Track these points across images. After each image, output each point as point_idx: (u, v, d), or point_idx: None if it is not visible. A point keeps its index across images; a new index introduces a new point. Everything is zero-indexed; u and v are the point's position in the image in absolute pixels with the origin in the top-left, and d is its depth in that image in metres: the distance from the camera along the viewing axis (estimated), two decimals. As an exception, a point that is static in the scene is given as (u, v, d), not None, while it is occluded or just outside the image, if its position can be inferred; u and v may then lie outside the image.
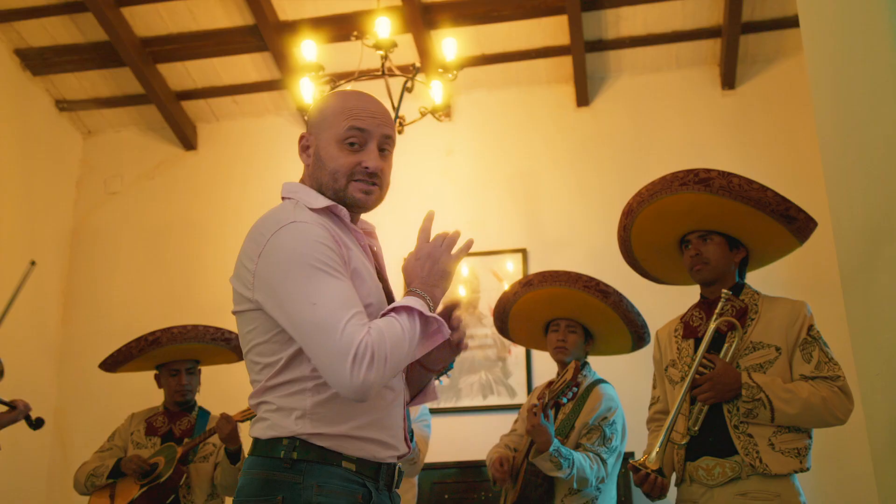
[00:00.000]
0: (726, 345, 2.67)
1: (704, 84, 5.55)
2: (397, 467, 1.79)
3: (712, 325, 2.67)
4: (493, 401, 5.23)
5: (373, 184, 1.82)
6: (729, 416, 2.60)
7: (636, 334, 3.47)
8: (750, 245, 2.82)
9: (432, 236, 1.85)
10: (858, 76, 1.59)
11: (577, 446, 3.28)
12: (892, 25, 1.48)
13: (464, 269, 5.51)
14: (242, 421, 3.54)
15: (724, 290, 2.69)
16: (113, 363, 3.89)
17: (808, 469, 2.57)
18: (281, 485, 1.65)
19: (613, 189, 5.16)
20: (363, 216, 1.94)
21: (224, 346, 3.76)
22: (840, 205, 1.80)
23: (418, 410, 3.76)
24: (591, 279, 3.39)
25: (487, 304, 5.32)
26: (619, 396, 3.43)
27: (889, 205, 1.52)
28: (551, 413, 3.20)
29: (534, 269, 5.38)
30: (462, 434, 5.08)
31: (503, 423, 3.96)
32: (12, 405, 3.44)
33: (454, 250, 1.75)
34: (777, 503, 2.52)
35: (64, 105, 5.92)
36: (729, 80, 5.43)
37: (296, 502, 1.63)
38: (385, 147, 1.85)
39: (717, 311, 2.68)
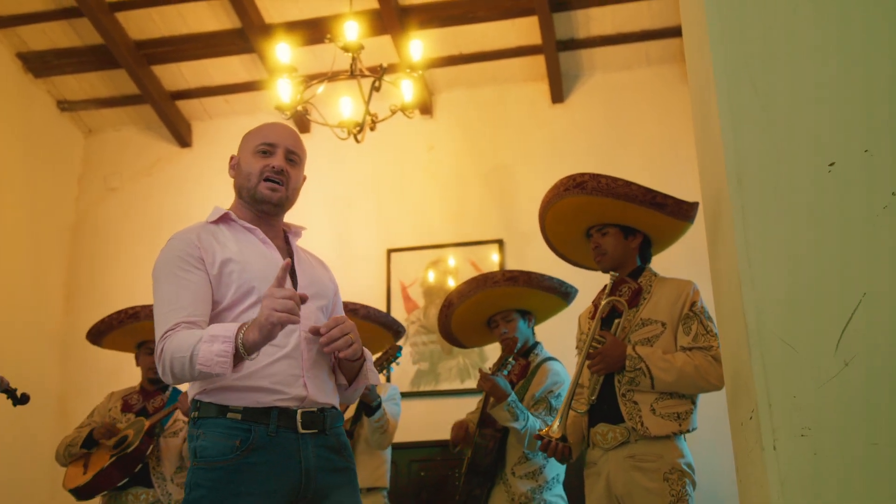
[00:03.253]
0: (616, 322, 2.96)
1: (674, 80, 5.76)
2: (299, 411, 2.07)
3: (601, 306, 2.98)
4: (469, 384, 5.45)
5: (279, 182, 2.22)
6: (618, 386, 2.88)
7: (559, 293, 3.78)
8: (645, 230, 3.10)
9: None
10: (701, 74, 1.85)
11: (526, 417, 3.55)
12: (712, 33, 1.74)
13: (449, 259, 5.76)
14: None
15: (612, 273, 2.99)
16: (96, 333, 4.11)
17: (690, 430, 2.83)
18: (190, 439, 2.10)
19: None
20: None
21: None
22: (704, 184, 2.07)
23: (387, 390, 4.06)
24: (496, 273, 3.75)
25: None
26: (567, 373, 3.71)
27: (719, 187, 1.78)
28: (503, 374, 3.48)
29: (510, 258, 5.64)
30: (440, 415, 5.31)
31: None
32: None
33: (281, 311, 1.88)
34: (660, 463, 2.78)
35: (65, 105, 6.20)
36: (696, 77, 5.64)
37: (193, 451, 2.06)
38: (292, 159, 2.26)
39: (606, 293, 2.99)
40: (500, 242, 5.73)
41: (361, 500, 2.22)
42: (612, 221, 3.09)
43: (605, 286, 3.11)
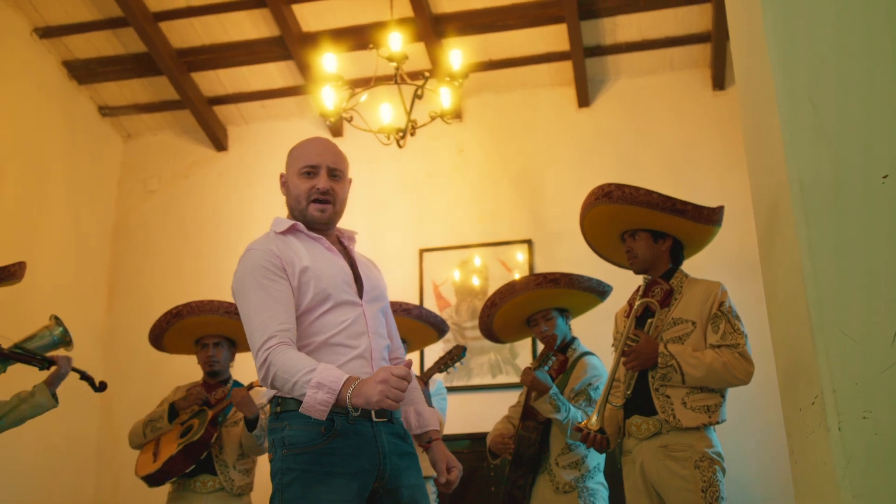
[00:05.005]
0: (649, 321, 3.18)
1: (696, 85, 5.94)
2: None
3: (636, 306, 3.20)
4: (501, 379, 5.66)
5: (326, 202, 2.41)
6: (651, 381, 3.10)
7: (596, 293, 3.98)
8: (672, 234, 3.32)
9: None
10: (757, 75, 2.03)
11: (567, 410, 3.74)
12: (770, 36, 1.93)
13: (475, 259, 5.95)
14: (262, 387, 4.00)
15: (645, 276, 3.23)
16: (154, 338, 4.35)
17: (719, 422, 3.05)
18: (271, 431, 2.29)
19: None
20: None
21: (237, 318, 4.13)
22: (757, 189, 2.25)
23: (434, 385, 4.27)
24: (539, 275, 3.93)
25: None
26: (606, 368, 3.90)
27: (777, 193, 1.97)
28: (544, 369, 3.68)
29: (539, 258, 5.83)
30: (473, 409, 5.49)
31: (510, 400, 4.37)
32: (52, 361, 3.56)
33: (392, 399, 2.05)
34: (690, 452, 3.00)
35: (106, 111, 6.39)
36: (719, 82, 5.82)
37: (281, 441, 2.25)
38: (335, 174, 2.44)
39: (639, 294, 3.22)
40: (528, 242, 5.90)
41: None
42: (640, 226, 3.31)
43: (639, 287, 3.31)
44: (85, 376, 3.68)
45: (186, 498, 3.95)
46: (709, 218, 3.26)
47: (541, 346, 5.62)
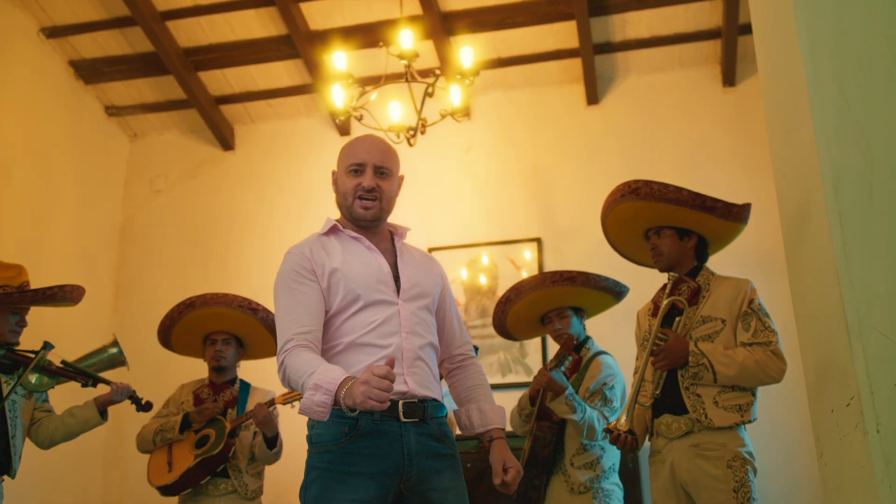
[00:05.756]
0: (677, 319, 3.14)
1: (706, 82, 5.90)
2: (400, 402, 2.28)
3: (663, 305, 3.15)
4: (511, 379, 5.62)
5: (372, 199, 2.43)
6: (681, 380, 3.06)
7: (612, 293, 3.93)
8: (699, 232, 3.28)
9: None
10: (786, 76, 1.99)
11: (582, 410, 3.71)
12: (804, 43, 1.89)
13: (483, 257, 5.92)
14: (284, 403, 3.98)
15: (671, 274, 3.18)
16: (163, 331, 4.32)
17: (751, 421, 3.02)
18: (309, 429, 2.34)
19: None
20: (399, 222, 2.60)
21: (251, 315, 4.11)
22: (783, 187, 2.22)
23: (445, 386, 4.23)
24: (556, 273, 3.88)
25: (505, 290, 5.74)
26: (619, 367, 3.87)
27: (809, 192, 1.93)
28: (561, 369, 3.64)
29: (548, 256, 5.80)
30: (483, 409, 5.49)
31: (520, 400, 4.40)
32: (104, 381, 3.63)
33: (375, 399, 2.01)
34: (723, 451, 2.97)
35: (113, 111, 6.36)
36: (729, 78, 5.78)
37: (310, 438, 2.31)
38: (382, 172, 2.46)
39: (666, 292, 3.17)
40: (537, 241, 5.86)
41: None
42: (666, 224, 3.27)
43: (665, 285, 3.27)
44: (133, 398, 3.69)
45: (199, 501, 3.93)
46: (737, 215, 3.22)
47: (551, 345, 5.68)
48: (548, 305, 3.93)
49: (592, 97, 5.98)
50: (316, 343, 2.29)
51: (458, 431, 2.80)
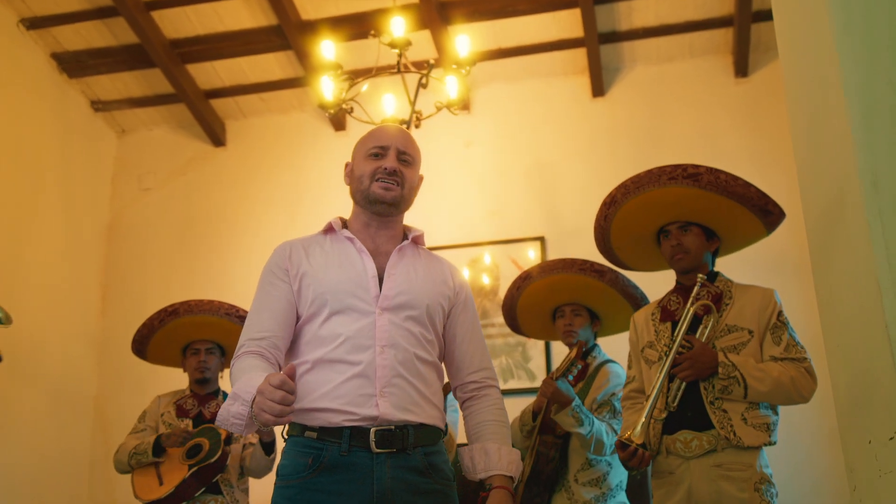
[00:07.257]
0: (702, 327, 2.82)
1: (717, 73, 5.65)
2: (372, 429, 2.00)
3: (691, 309, 2.82)
4: (513, 384, 5.38)
5: (393, 182, 2.19)
6: (705, 393, 2.74)
7: (636, 307, 3.57)
8: (723, 235, 2.98)
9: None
10: (812, 71, 1.74)
11: (589, 421, 3.44)
12: (836, 21, 1.63)
13: (485, 257, 5.68)
14: None
15: (700, 276, 2.85)
16: (140, 340, 4.07)
17: (774, 443, 2.72)
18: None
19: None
20: (415, 224, 2.33)
21: (238, 322, 3.87)
22: (809, 184, 1.96)
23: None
24: (586, 262, 3.55)
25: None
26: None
27: (842, 187, 1.67)
28: (568, 378, 3.34)
29: (552, 256, 5.54)
30: (483, 416, 5.25)
31: (523, 406, 4.15)
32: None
33: (268, 412, 1.77)
34: (749, 472, 2.66)
35: (98, 105, 6.15)
36: (742, 69, 5.53)
37: (277, 470, 2.09)
38: (405, 159, 2.24)
39: (693, 295, 2.84)
40: (541, 240, 5.63)
41: None
42: (699, 220, 2.94)
43: (674, 288, 2.99)
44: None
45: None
46: (773, 224, 2.93)
47: (555, 349, 5.43)
48: (565, 297, 3.62)
49: (598, 89, 5.73)
50: (272, 349, 2.07)
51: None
